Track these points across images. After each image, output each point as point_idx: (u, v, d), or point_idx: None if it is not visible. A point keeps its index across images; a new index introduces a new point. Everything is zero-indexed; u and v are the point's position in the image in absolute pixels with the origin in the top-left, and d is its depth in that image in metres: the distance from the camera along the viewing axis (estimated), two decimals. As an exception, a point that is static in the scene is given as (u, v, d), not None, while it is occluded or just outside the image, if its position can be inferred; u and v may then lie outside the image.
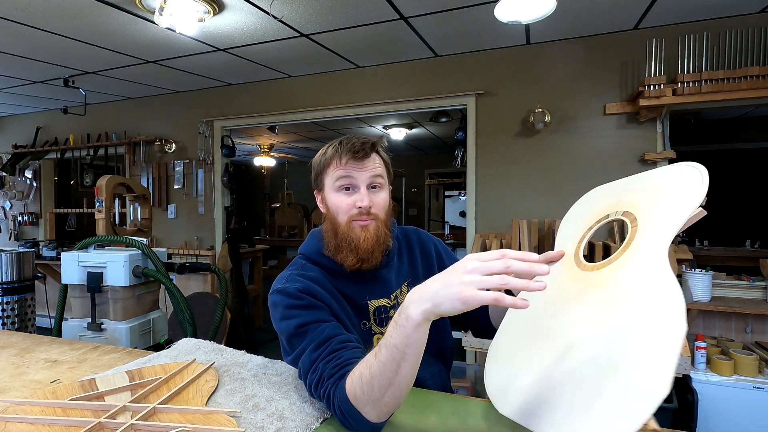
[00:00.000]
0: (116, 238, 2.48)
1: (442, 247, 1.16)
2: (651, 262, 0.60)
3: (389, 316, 1.01)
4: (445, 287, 0.63)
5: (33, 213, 5.04)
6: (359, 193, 0.96)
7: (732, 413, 2.22)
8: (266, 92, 3.94)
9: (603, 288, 0.65)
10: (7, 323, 2.33)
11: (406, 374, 0.70)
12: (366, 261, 0.97)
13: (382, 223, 0.98)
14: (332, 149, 0.99)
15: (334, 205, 0.98)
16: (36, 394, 0.93)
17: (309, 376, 0.82)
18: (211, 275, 4.08)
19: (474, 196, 3.26)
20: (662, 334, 0.53)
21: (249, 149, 7.48)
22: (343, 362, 0.79)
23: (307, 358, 0.83)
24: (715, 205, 5.33)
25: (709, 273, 2.51)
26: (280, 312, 0.91)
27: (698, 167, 0.66)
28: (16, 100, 4.48)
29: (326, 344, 0.83)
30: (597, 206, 0.80)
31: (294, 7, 2.45)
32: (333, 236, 0.98)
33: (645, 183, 0.73)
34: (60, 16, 2.50)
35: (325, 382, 0.79)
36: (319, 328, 0.86)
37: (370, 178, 0.96)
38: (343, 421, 0.76)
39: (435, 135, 6.39)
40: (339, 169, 0.96)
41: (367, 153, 0.96)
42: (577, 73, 2.98)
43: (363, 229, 0.96)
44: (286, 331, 0.89)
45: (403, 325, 0.67)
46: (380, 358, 0.70)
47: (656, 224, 0.64)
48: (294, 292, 0.91)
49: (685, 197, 0.63)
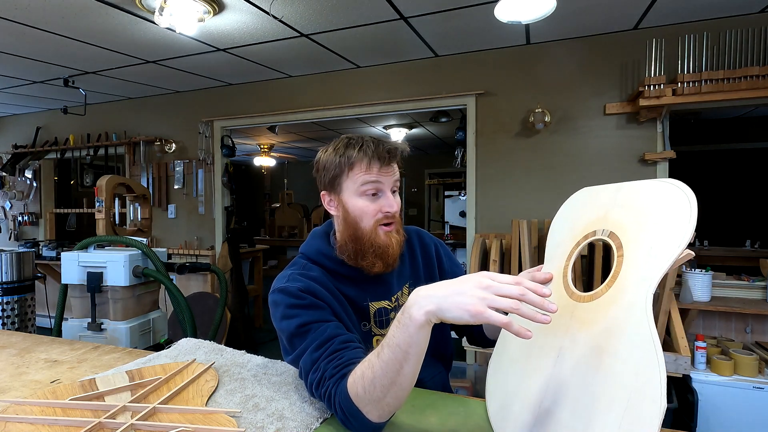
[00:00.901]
0: (116, 238, 2.48)
1: (443, 250, 1.16)
2: (635, 317, 0.60)
3: (390, 318, 1.01)
4: (455, 295, 0.64)
5: (33, 213, 5.04)
6: (386, 197, 0.95)
7: (732, 413, 2.22)
8: (266, 92, 3.94)
9: (589, 329, 0.66)
10: (7, 323, 2.33)
11: (408, 374, 0.70)
12: (390, 266, 0.98)
13: (401, 226, 1.01)
14: (355, 152, 0.93)
15: (357, 210, 0.95)
16: (36, 394, 0.93)
17: (310, 376, 0.82)
18: (211, 275, 4.08)
19: (474, 196, 3.26)
20: (641, 412, 0.54)
21: (249, 149, 7.48)
22: (345, 362, 0.79)
23: (308, 358, 0.83)
24: (715, 205, 5.35)
25: (709, 273, 2.51)
26: (281, 311, 0.90)
27: (687, 194, 0.63)
28: (16, 100, 4.47)
29: (328, 344, 0.83)
30: (585, 217, 0.79)
31: (294, 7, 2.45)
32: (353, 241, 0.96)
33: (633, 199, 0.71)
34: (60, 16, 2.50)
35: (327, 382, 0.79)
36: (320, 328, 0.86)
37: (394, 182, 0.97)
38: (345, 420, 0.76)
39: (435, 135, 6.39)
40: (367, 174, 0.93)
41: (393, 158, 0.96)
42: (577, 73, 2.98)
43: (388, 235, 0.96)
44: (287, 331, 0.88)
45: (406, 324, 0.68)
46: (383, 358, 0.70)
47: (642, 264, 0.63)
48: (295, 292, 0.90)
49: (672, 236, 0.61)
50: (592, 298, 0.68)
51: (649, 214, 0.67)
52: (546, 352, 0.71)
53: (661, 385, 0.53)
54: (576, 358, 0.65)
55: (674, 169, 3.19)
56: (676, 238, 0.61)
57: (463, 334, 1.13)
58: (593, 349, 0.63)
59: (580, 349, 0.65)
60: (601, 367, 0.61)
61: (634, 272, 0.64)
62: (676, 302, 2.42)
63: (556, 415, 0.64)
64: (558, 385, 0.66)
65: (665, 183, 0.68)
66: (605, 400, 0.58)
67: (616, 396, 0.57)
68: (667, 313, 2.36)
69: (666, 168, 2.77)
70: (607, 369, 0.60)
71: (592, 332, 0.65)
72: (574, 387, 0.64)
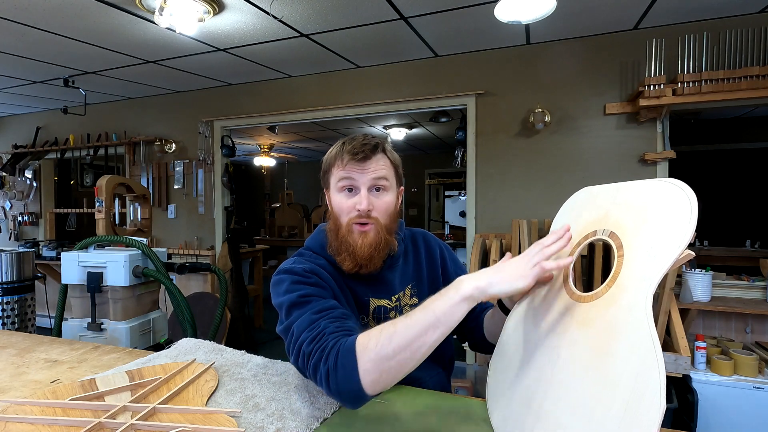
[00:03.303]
0: (116, 238, 2.48)
1: (447, 253, 1.15)
2: (635, 317, 0.60)
3: (388, 316, 1.01)
4: (498, 273, 0.73)
5: (33, 213, 5.04)
6: (359, 195, 0.95)
7: (732, 413, 2.22)
8: (266, 92, 3.94)
9: (588, 329, 0.66)
10: (7, 323, 2.33)
11: (428, 342, 0.69)
12: (364, 266, 0.97)
13: (384, 227, 0.97)
14: (337, 148, 0.98)
15: (336, 205, 0.98)
16: (36, 394, 0.93)
17: (304, 334, 0.79)
18: (211, 275, 4.08)
19: (474, 196, 3.26)
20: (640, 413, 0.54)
21: (249, 149, 7.48)
22: (348, 327, 0.78)
23: (306, 319, 0.81)
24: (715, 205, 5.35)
25: (709, 273, 2.51)
26: (285, 287, 0.89)
27: (687, 193, 0.63)
28: (16, 100, 4.47)
29: (330, 310, 0.83)
30: (585, 217, 0.79)
31: (294, 7, 2.45)
32: (335, 236, 0.98)
33: (633, 199, 0.71)
34: (60, 16, 2.50)
35: (326, 336, 0.76)
36: (322, 300, 0.86)
37: (372, 180, 0.95)
38: (332, 372, 0.72)
39: (435, 135, 6.39)
40: (341, 169, 0.96)
41: (368, 155, 0.95)
42: (577, 73, 2.98)
43: (362, 234, 0.95)
44: (288, 302, 0.86)
45: (450, 296, 0.70)
46: (412, 317, 0.71)
47: (643, 264, 0.63)
48: (300, 271, 0.91)
49: (672, 236, 0.61)
50: (593, 298, 0.68)
51: (649, 213, 0.66)
52: (545, 353, 0.72)
53: (660, 386, 0.53)
54: (575, 359, 0.65)
55: (674, 169, 3.19)
56: (676, 238, 0.60)
57: (464, 339, 1.13)
58: (593, 349, 0.63)
59: (580, 349, 0.65)
60: (601, 368, 0.61)
61: (634, 272, 0.64)
62: (676, 302, 2.42)
63: (556, 416, 0.64)
64: (558, 386, 0.66)
65: (665, 183, 0.67)
66: (605, 400, 0.58)
67: (616, 397, 0.57)
68: (667, 313, 2.36)
69: (666, 168, 2.77)
70: (606, 369, 0.60)
71: (592, 332, 0.65)
72: (573, 387, 0.64)
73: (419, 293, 1.06)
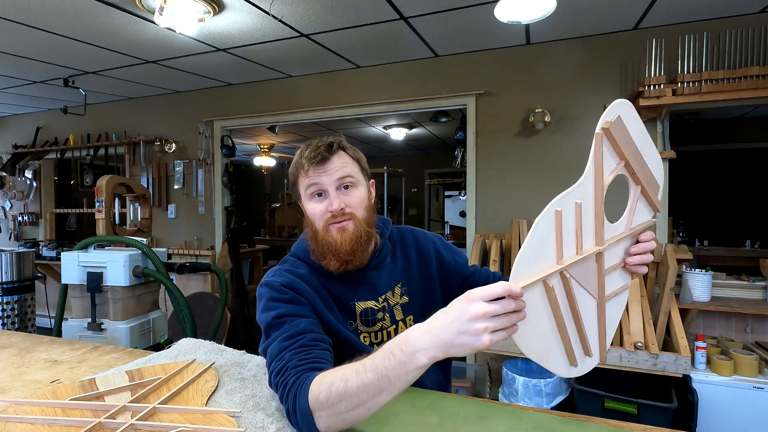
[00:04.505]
0: (116, 238, 2.48)
1: (441, 243, 1.13)
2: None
3: (376, 318, 1.01)
4: (459, 336, 0.64)
5: (33, 213, 5.04)
6: (329, 197, 0.96)
7: (732, 413, 2.22)
8: (266, 92, 3.94)
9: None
10: (7, 323, 2.33)
11: (381, 403, 0.71)
12: (350, 262, 0.97)
13: (361, 221, 0.97)
14: (296, 158, 1.00)
15: (309, 213, 0.99)
16: (36, 394, 0.93)
17: (273, 363, 0.83)
18: (211, 275, 4.08)
19: (474, 196, 3.26)
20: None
21: (249, 149, 7.48)
22: (311, 359, 0.81)
23: (276, 346, 0.85)
24: (715, 205, 5.35)
25: (709, 273, 2.51)
26: (263, 304, 0.93)
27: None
28: (16, 100, 4.48)
29: (299, 337, 0.84)
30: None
31: (294, 7, 2.45)
32: (315, 242, 0.98)
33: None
34: (60, 16, 2.50)
35: (288, 371, 0.80)
36: (295, 321, 0.88)
37: (337, 180, 0.96)
38: (290, 414, 0.76)
39: (435, 135, 6.39)
40: (306, 177, 0.97)
41: (325, 156, 0.95)
42: (577, 73, 2.98)
43: (340, 231, 0.96)
44: (266, 322, 0.90)
45: (404, 362, 0.67)
46: (363, 379, 0.70)
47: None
48: (278, 286, 0.93)
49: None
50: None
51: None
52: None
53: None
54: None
55: (674, 169, 3.20)
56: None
57: None
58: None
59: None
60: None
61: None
62: (676, 302, 2.42)
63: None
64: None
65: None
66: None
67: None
68: (667, 313, 2.36)
69: (666, 168, 2.77)
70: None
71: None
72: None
73: (410, 291, 1.06)
